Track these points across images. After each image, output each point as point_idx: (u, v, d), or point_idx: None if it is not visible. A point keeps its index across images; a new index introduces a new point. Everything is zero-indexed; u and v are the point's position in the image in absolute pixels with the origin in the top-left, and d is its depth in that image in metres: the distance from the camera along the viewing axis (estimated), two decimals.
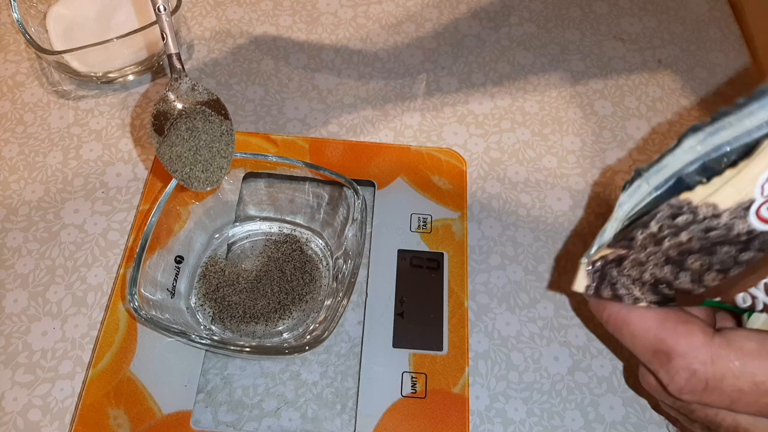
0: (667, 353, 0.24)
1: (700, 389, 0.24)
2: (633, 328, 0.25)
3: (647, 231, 0.23)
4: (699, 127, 0.23)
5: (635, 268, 0.24)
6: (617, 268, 0.25)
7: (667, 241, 0.23)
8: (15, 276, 0.36)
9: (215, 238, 0.37)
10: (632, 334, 0.25)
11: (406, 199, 0.38)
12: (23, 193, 0.38)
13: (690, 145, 0.23)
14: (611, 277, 0.25)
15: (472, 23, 0.48)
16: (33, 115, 0.42)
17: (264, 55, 0.45)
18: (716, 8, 0.49)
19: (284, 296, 0.35)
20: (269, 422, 0.32)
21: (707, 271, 0.23)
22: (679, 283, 0.23)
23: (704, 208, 0.21)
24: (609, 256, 0.25)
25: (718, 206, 0.21)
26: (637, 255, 0.24)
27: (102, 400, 0.31)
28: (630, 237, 0.24)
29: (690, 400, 0.24)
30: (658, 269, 0.24)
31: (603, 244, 0.25)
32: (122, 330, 0.33)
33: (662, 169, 0.24)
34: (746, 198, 0.21)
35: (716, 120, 0.23)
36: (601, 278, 0.25)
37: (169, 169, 0.32)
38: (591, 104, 0.44)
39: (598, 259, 0.25)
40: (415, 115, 0.43)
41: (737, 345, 0.23)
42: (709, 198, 0.21)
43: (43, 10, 0.43)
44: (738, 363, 0.23)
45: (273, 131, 0.41)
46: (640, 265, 0.24)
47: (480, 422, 0.32)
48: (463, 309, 0.34)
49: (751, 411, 0.23)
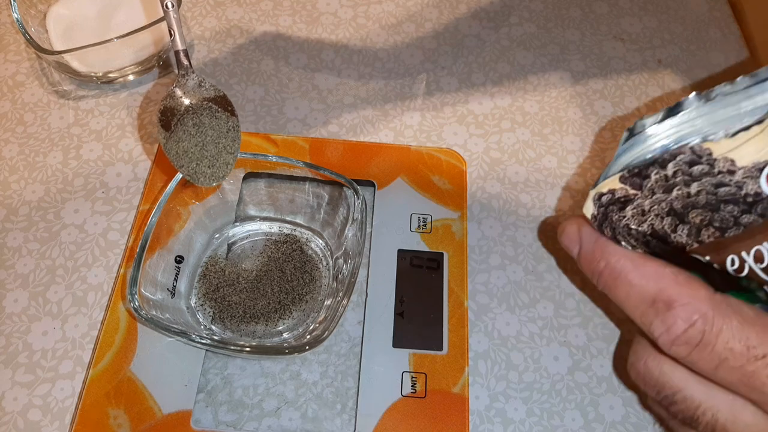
0: (667, 302, 0.24)
1: (694, 342, 0.23)
2: (631, 277, 0.25)
3: (663, 172, 0.23)
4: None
5: (636, 218, 0.24)
6: (619, 212, 0.24)
7: (677, 189, 0.22)
8: (15, 276, 0.36)
9: (215, 238, 0.37)
10: (630, 283, 0.25)
11: (406, 199, 0.38)
12: (23, 193, 0.38)
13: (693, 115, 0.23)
14: (611, 220, 0.25)
15: (472, 23, 0.48)
16: (33, 115, 0.42)
17: (264, 55, 0.45)
18: (716, 8, 0.49)
19: (284, 296, 0.35)
20: (269, 422, 0.32)
21: (706, 227, 0.22)
22: (675, 237, 0.23)
23: (722, 162, 0.21)
24: (617, 192, 0.24)
25: (735, 162, 0.21)
26: (642, 201, 0.23)
27: (102, 400, 0.31)
28: (644, 175, 0.23)
29: (680, 354, 0.24)
30: (658, 220, 0.23)
31: (613, 173, 0.24)
32: (122, 330, 0.33)
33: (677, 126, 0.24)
34: (763, 159, 0.21)
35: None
36: (604, 216, 0.25)
37: (176, 164, 0.32)
38: (591, 104, 0.44)
39: (607, 192, 0.24)
40: (415, 115, 0.43)
41: (737, 307, 0.23)
42: (729, 153, 0.21)
43: (43, 10, 0.43)
44: (736, 322, 0.23)
45: (273, 131, 0.41)
46: (642, 214, 0.23)
47: (480, 422, 0.32)
48: (463, 309, 0.34)
49: (734, 378, 0.23)
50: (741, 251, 0.22)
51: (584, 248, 0.27)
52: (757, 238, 0.22)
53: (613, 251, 0.25)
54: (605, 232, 0.25)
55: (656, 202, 0.23)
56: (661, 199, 0.23)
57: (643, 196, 0.23)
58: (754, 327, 0.23)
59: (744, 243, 0.22)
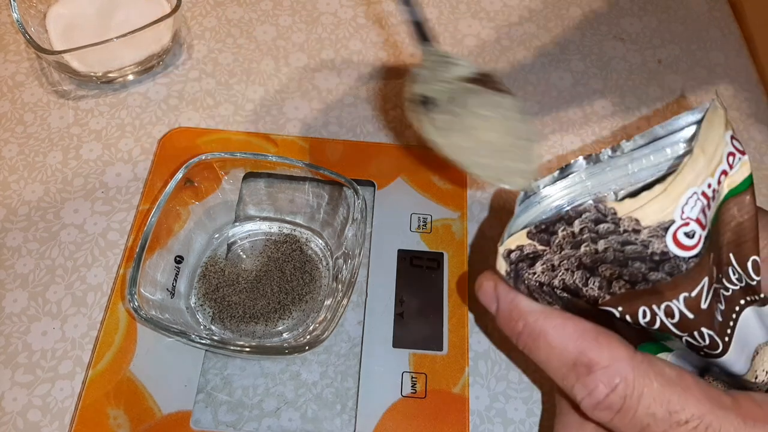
0: (588, 365, 0.23)
1: (616, 407, 0.22)
2: (551, 339, 0.23)
3: (570, 229, 0.22)
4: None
5: (546, 273, 0.23)
6: (529, 269, 0.24)
7: (584, 246, 0.22)
8: (15, 276, 0.36)
9: (215, 238, 0.37)
10: (549, 344, 0.24)
11: (406, 199, 0.38)
12: (23, 193, 0.38)
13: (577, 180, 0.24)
14: (523, 277, 0.24)
15: (472, 23, 0.48)
16: (33, 115, 0.42)
17: (264, 55, 0.45)
18: (716, 8, 0.49)
19: (284, 296, 0.35)
20: (269, 422, 0.32)
21: (617, 279, 0.22)
22: (587, 290, 0.23)
23: (627, 222, 0.21)
24: (526, 248, 0.23)
25: (640, 222, 0.21)
26: (551, 256, 0.23)
27: (102, 400, 0.31)
28: (551, 231, 0.23)
29: (603, 419, 0.23)
30: (569, 274, 0.23)
31: (516, 230, 0.24)
32: (122, 330, 0.33)
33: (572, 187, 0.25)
34: (668, 218, 0.21)
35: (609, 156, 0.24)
36: (516, 273, 0.24)
37: (468, 163, 0.26)
38: (591, 104, 0.44)
39: (515, 248, 0.23)
40: None
41: (658, 368, 0.22)
42: (633, 212, 0.21)
43: (42, 10, 0.43)
44: (657, 385, 0.22)
45: (273, 131, 0.41)
46: (552, 269, 0.23)
47: (480, 422, 0.32)
48: (463, 309, 0.34)
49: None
50: (652, 304, 0.22)
51: (501, 307, 0.25)
52: (666, 294, 0.21)
53: (531, 310, 0.24)
54: (521, 289, 0.24)
55: (565, 258, 0.23)
56: (569, 255, 0.23)
57: (551, 252, 0.23)
58: (675, 389, 0.22)
59: (653, 298, 0.22)
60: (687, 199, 0.21)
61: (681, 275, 0.21)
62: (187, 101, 0.42)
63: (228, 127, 0.41)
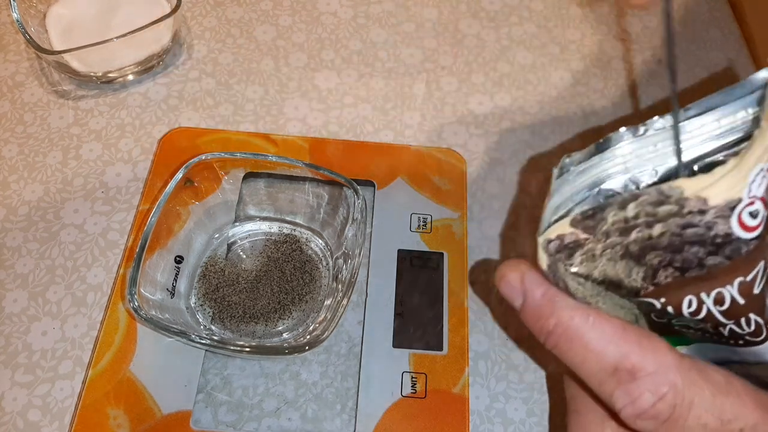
0: (631, 371, 0.21)
1: (663, 417, 0.20)
2: (588, 340, 0.21)
3: (622, 214, 0.20)
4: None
5: (585, 264, 0.21)
6: (567, 261, 0.21)
7: (636, 232, 0.20)
8: (15, 276, 0.36)
9: (215, 238, 0.37)
10: (586, 346, 0.21)
11: (406, 199, 0.38)
12: (23, 193, 0.38)
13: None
14: (559, 270, 0.22)
15: (472, 23, 0.48)
16: (33, 115, 0.42)
17: (264, 55, 0.45)
18: (716, 8, 0.49)
19: (284, 296, 0.35)
20: (269, 422, 0.32)
21: (664, 268, 0.20)
22: (629, 281, 0.21)
23: (693, 202, 0.19)
24: (566, 238, 0.21)
25: (708, 201, 0.19)
26: (593, 245, 0.21)
27: (102, 400, 0.31)
28: (599, 218, 0.20)
29: (646, 428, 0.21)
30: (610, 265, 0.21)
31: (557, 217, 0.22)
32: (122, 330, 0.33)
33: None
34: (736, 197, 0.19)
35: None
36: (554, 266, 0.22)
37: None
38: (591, 104, 0.44)
39: (555, 238, 0.21)
40: (415, 115, 0.43)
41: (706, 373, 0.21)
42: (703, 191, 0.19)
43: (42, 10, 0.43)
44: (708, 393, 0.20)
45: (273, 131, 0.41)
46: (592, 260, 0.21)
47: (480, 422, 0.32)
48: (463, 309, 0.34)
49: None
50: (700, 292, 0.20)
51: (529, 301, 0.23)
52: (720, 280, 0.20)
53: (565, 306, 0.22)
54: (559, 285, 0.22)
55: (609, 246, 0.21)
56: (615, 243, 0.20)
57: (595, 240, 0.21)
58: (728, 397, 0.20)
59: (704, 284, 0.20)
60: (755, 176, 0.19)
61: (740, 258, 0.20)
62: (187, 101, 0.42)
63: (228, 127, 0.41)
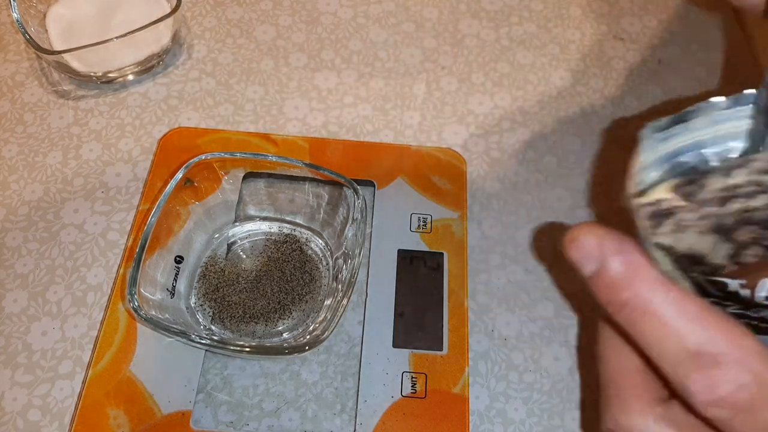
0: (714, 357, 0.19)
1: (741, 406, 0.19)
2: (669, 317, 0.20)
3: (728, 181, 0.18)
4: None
5: (673, 235, 0.20)
6: (654, 228, 0.20)
7: (736, 202, 0.18)
8: (15, 276, 0.36)
9: (215, 238, 0.37)
10: (666, 324, 0.20)
11: (406, 199, 0.38)
12: (23, 193, 0.38)
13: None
14: (647, 240, 0.20)
15: (472, 23, 0.48)
16: (33, 115, 0.42)
17: (264, 55, 0.45)
18: (716, 8, 0.49)
19: (284, 296, 0.35)
20: (269, 422, 0.32)
21: (753, 246, 0.19)
22: (712, 257, 0.19)
23: None
24: (663, 203, 0.19)
25: None
26: (686, 214, 0.19)
27: (102, 400, 0.31)
28: (701, 183, 0.19)
29: (720, 416, 0.20)
30: (697, 238, 0.19)
31: (656, 180, 0.20)
32: (122, 330, 0.33)
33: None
34: None
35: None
36: (642, 235, 0.20)
37: None
38: (591, 104, 0.44)
39: (653, 203, 0.20)
40: (415, 115, 0.43)
41: None
42: None
43: (42, 10, 0.43)
44: None
45: (273, 131, 0.41)
46: (680, 230, 0.20)
47: (480, 422, 0.32)
48: (463, 309, 0.34)
49: None
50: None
51: (606, 268, 0.21)
52: None
53: (646, 278, 0.20)
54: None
55: (703, 216, 0.19)
56: (709, 213, 0.19)
57: (689, 209, 0.19)
58: None
59: None
60: None
61: None
62: (187, 101, 0.42)
63: (228, 127, 0.41)
